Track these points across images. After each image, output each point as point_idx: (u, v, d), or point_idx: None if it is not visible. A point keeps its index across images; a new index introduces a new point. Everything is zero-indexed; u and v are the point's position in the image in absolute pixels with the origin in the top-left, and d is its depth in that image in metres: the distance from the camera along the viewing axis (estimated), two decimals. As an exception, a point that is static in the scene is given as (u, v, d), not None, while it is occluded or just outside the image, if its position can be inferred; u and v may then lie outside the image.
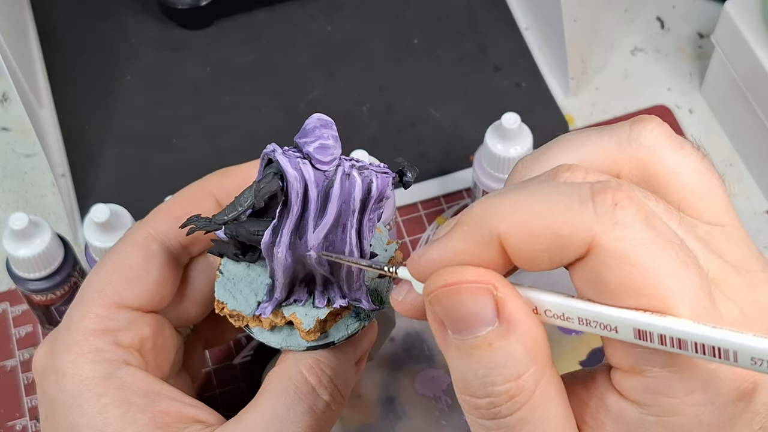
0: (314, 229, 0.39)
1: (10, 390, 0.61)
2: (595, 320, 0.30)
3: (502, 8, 0.76)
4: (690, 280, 0.29)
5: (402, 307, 0.35)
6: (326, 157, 0.38)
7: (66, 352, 0.42)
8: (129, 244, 0.45)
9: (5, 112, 0.73)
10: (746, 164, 0.70)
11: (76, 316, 0.43)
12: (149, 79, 0.73)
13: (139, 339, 0.43)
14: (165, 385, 0.43)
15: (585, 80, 0.74)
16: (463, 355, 0.31)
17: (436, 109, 0.71)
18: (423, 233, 0.67)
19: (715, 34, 0.68)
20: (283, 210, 0.39)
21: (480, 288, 0.30)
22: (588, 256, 0.30)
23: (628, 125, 0.34)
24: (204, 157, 0.69)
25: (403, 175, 0.40)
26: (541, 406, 0.31)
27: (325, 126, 0.39)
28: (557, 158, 0.34)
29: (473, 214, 0.31)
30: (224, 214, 0.38)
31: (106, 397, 0.41)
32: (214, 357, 0.62)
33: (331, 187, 0.39)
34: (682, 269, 0.29)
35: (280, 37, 0.75)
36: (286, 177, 0.38)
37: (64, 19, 0.76)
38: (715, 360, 0.29)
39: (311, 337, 0.42)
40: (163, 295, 0.45)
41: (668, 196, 0.34)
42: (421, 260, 0.32)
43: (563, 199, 0.30)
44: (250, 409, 0.42)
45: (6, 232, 0.55)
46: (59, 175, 0.68)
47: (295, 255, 0.40)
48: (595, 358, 0.59)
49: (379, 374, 0.59)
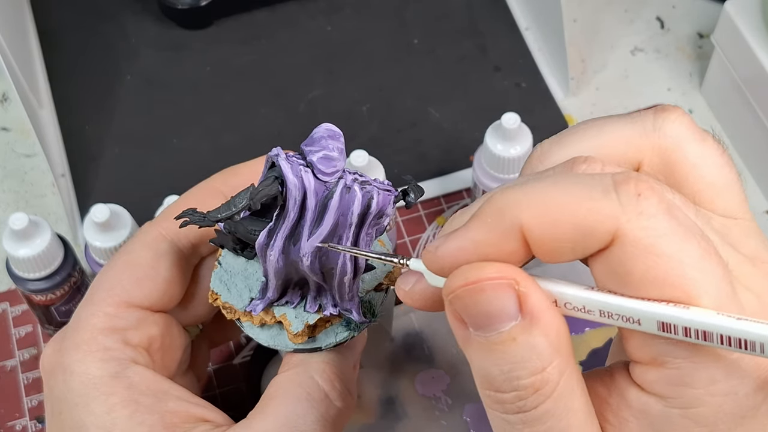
0: (308, 237, 0.39)
1: (10, 390, 0.61)
2: (618, 313, 0.30)
3: (502, 8, 0.76)
4: (713, 270, 0.29)
5: (410, 297, 0.34)
6: (329, 168, 0.38)
7: (74, 351, 0.42)
8: (139, 243, 0.45)
9: (5, 112, 0.73)
10: (746, 164, 0.70)
11: (85, 314, 0.43)
12: (149, 79, 0.73)
13: (147, 338, 0.44)
14: (173, 385, 0.43)
15: (585, 80, 0.74)
16: (486, 352, 0.31)
17: (436, 109, 0.71)
18: (423, 233, 0.67)
19: (715, 34, 0.68)
20: (280, 214, 0.39)
21: (502, 284, 0.30)
22: (611, 247, 0.29)
23: (652, 113, 0.34)
24: (204, 157, 0.69)
25: (406, 195, 0.40)
26: (564, 399, 0.31)
27: (332, 137, 0.39)
28: (580, 143, 0.34)
29: (494, 204, 0.30)
30: (218, 211, 0.39)
31: (114, 396, 0.41)
32: (214, 357, 0.62)
33: (330, 199, 0.39)
34: (705, 259, 0.29)
35: (280, 37, 0.75)
36: (286, 183, 0.38)
37: (64, 19, 0.76)
38: (741, 351, 0.29)
39: (298, 340, 0.42)
40: (172, 295, 0.45)
41: (686, 187, 0.33)
42: (438, 251, 0.31)
43: (586, 189, 0.29)
44: (259, 413, 0.42)
45: (6, 232, 0.55)
46: (59, 175, 0.68)
47: (287, 259, 0.40)
48: (596, 358, 0.59)
49: (379, 374, 0.59)
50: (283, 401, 0.42)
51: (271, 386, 0.43)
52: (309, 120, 0.71)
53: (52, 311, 0.60)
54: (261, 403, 0.42)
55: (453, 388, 0.58)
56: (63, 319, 0.60)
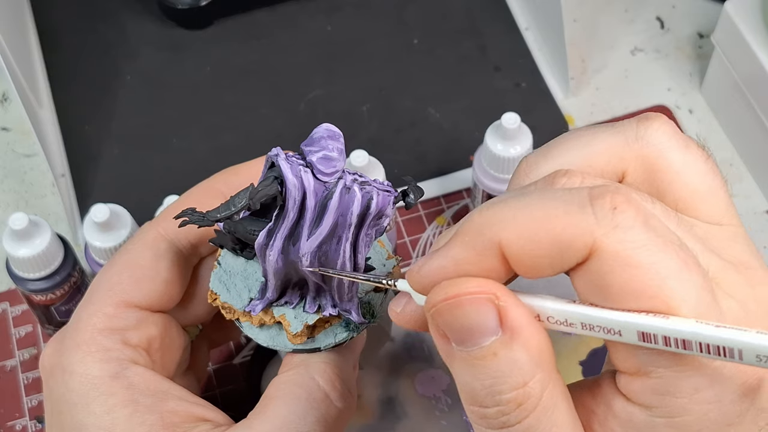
0: (308, 237, 0.39)
1: (10, 390, 0.61)
2: (599, 324, 0.30)
3: (502, 8, 0.76)
4: (691, 279, 0.29)
5: (401, 318, 0.35)
6: (328, 169, 0.38)
7: (74, 351, 0.42)
8: (139, 243, 0.45)
9: (5, 112, 0.73)
10: (746, 164, 0.70)
11: (85, 314, 0.43)
12: (149, 79, 0.73)
13: (146, 338, 0.44)
14: (172, 385, 0.43)
15: (585, 80, 0.74)
16: (468, 367, 0.31)
17: (436, 109, 0.71)
18: (423, 233, 0.67)
19: (715, 34, 0.68)
20: (280, 214, 0.39)
21: (481, 298, 0.30)
22: (589, 260, 0.30)
23: (635, 122, 0.34)
24: (204, 157, 0.69)
25: (406, 195, 0.40)
26: (548, 413, 0.31)
27: (332, 137, 0.39)
28: (564, 156, 0.34)
29: (473, 223, 0.31)
30: (218, 211, 0.39)
31: (114, 396, 0.41)
32: (214, 357, 0.62)
33: (329, 199, 0.39)
34: (684, 269, 0.29)
35: (280, 37, 0.75)
36: (285, 183, 0.38)
37: (64, 19, 0.76)
38: (720, 358, 0.29)
39: (298, 341, 0.42)
40: (172, 295, 0.45)
41: (670, 194, 0.34)
42: (422, 271, 0.32)
43: (562, 205, 0.30)
44: (259, 414, 0.42)
45: (6, 232, 0.55)
46: (59, 175, 0.68)
47: (287, 260, 0.40)
48: (596, 358, 0.59)
49: (379, 374, 0.59)
50: (284, 401, 0.42)
51: (271, 386, 0.43)
52: (309, 120, 0.71)
53: (52, 311, 0.60)
54: (261, 404, 0.42)
55: (453, 388, 0.58)
56: (63, 319, 0.60)
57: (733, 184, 0.69)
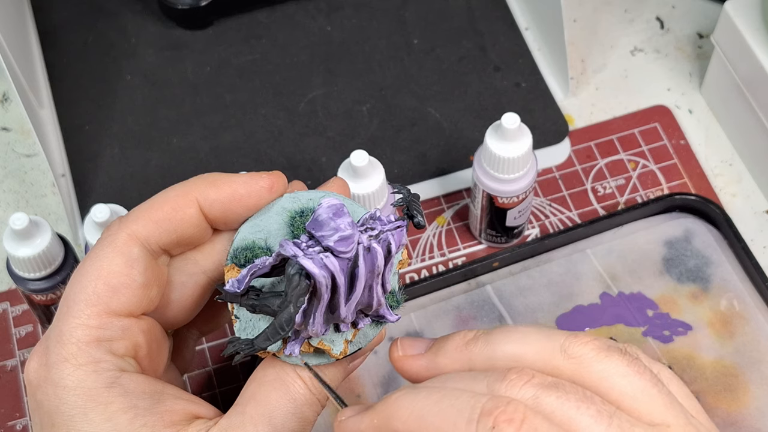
0: (345, 303, 0.40)
1: (10, 390, 0.61)
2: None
3: (502, 8, 0.76)
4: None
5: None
6: (348, 247, 0.39)
7: (63, 365, 0.41)
8: (109, 248, 0.43)
9: (5, 112, 0.73)
10: (746, 164, 0.70)
11: (67, 327, 0.42)
12: (149, 79, 0.73)
13: (133, 346, 0.43)
14: (165, 385, 0.43)
15: (585, 80, 0.74)
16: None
17: (436, 109, 0.71)
18: (423, 233, 0.67)
19: (715, 35, 0.68)
20: (312, 298, 0.39)
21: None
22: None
23: (564, 336, 0.39)
24: (204, 157, 0.69)
25: (413, 218, 0.41)
26: None
27: (338, 215, 0.39)
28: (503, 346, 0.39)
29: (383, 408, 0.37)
30: (266, 338, 0.39)
31: (113, 404, 0.41)
32: (215, 357, 0.62)
33: (356, 267, 0.39)
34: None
35: (280, 37, 0.75)
36: (314, 277, 0.38)
37: (64, 19, 0.76)
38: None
39: (342, 355, 0.42)
40: (151, 298, 0.44)
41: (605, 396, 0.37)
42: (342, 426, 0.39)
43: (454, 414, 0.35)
44: (251, 399, 0.42)
45: (6, 232, 0.55)
46: (59, 175, 0.68)
47: (328, 325, 0.41)
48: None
49: (379, 374, 0.59)
50: (273, 386, 0.42)
51: (258, 371, 0.43)
52: (309, 120, 0.71)
53: (53, 311, 0.60)
54: (249, 389, 0.42)
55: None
56: (63, 319, 0.60)
57: (733, 184, 0.69)
